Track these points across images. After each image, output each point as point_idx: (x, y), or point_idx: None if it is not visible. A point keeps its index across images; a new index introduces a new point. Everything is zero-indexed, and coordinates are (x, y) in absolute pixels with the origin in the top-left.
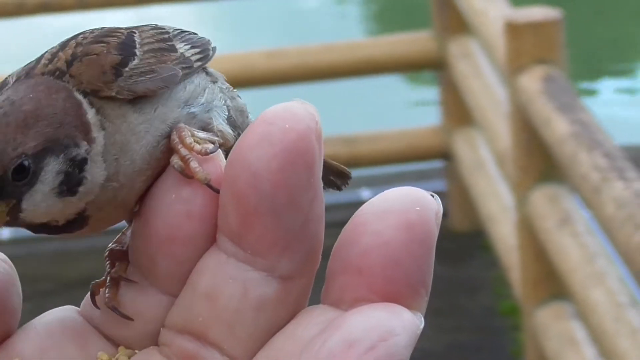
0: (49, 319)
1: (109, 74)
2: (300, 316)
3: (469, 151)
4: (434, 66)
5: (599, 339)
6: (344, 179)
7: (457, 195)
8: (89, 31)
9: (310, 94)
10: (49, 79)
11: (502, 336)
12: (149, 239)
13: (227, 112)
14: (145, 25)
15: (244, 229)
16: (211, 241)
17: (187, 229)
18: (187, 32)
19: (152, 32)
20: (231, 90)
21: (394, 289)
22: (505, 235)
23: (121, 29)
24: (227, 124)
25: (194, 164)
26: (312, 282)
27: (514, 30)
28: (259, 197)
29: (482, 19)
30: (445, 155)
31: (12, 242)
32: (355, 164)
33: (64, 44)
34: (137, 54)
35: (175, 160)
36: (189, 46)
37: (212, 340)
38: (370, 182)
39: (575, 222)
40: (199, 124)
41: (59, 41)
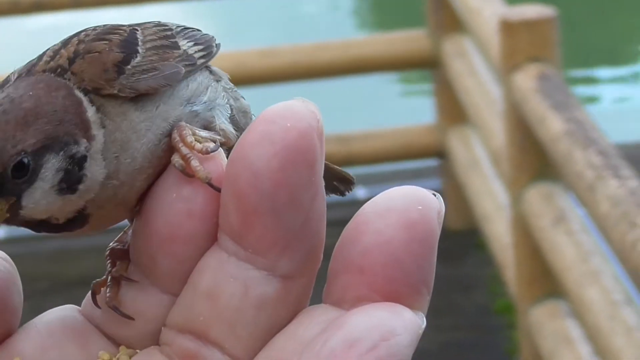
0: (50, 318)
1: (111, 72)
2: (301, 315)
3: (463, 149)
4: (428, 64)
5: (594, 337)
6: (348, 184)
7: (452, 193)
8: (92, 28)
9: (304, 92)
10: (50, 76)
11: (497, 334)
12: (150, 238)
13: (230, 111)
14: (148, 22)
15: (245, 228)
16: (212, 240)
17: (188, 228)
18: (191, 28)
19: (154, 29)
20: (235, 90)
21: (395, 288)
22: (500, 233)
23: (124, 26)
24: (230, 123)
25: (194, 163)
26: (313, 281)
27: (509, 28)
28: (260, 196)
29: (476, 17)
30: (440, 153)
31: (10, 241)
32: (350, 162)
33: (66, 41)
34: (140, 51)
35: (176, 159)
36: (192, 43)
37: (213, 339)
38: (365, 180)
39: (570, 220)
40: (201, 123)
41: (52, 40)
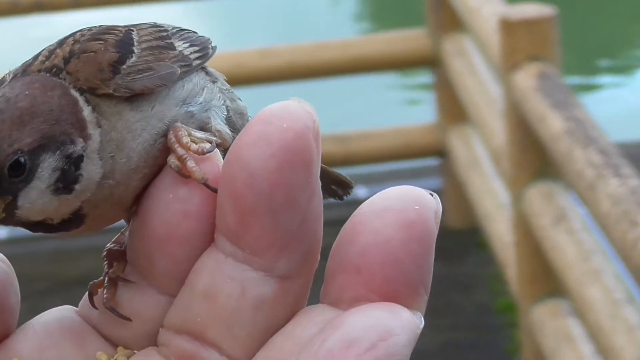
0: (47, 318)
1: (106, 72)
2: (299, 316)
3: (464, 149)
4: (428, 64)
5: (595, 336)
6: (346, 188)
7: (452, 192)
8: (87, 29)
9: (303, 92)
10: (45, 76)
11: (498, 334)
12: (147, 238)
13: (226, 112)
14: (143, 23)
15: (242, 229)
16: (209, 241)
17: (185, 229)
18: (187, 30)
19: (150, 30)
20: (231, 91)
21: (393, 288)
22: (500, 232)
23: (119, 26)
24: (226, 124)
25: (190, 164)
26: (310, 282)
27: (508, 27)
28: (257, 196)
29: (476, 17)
30: (440, 152)
31: (8, 242)
32: (349, 162)
33: (62, 41)
34: (135, 51)
35: (172, 159)
36: (188, 44)
37: (211, 340)
38: (365, 180)
39: (570, 219)
40: (197, 123)
41: (52, 40)
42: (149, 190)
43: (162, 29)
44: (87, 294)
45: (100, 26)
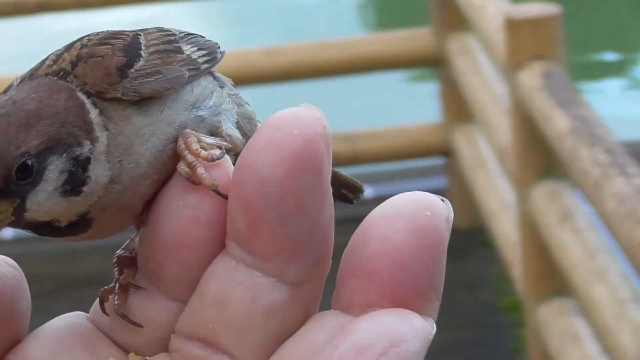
0: (59, 324)
1: (114, 76)
2: (310, 322)
3: (469, 148)
4: (433, 63)
5: (601, 335)
6: (356, 192)
7: (457, 192)
8: (94, 33)
9: (309, 91)
10: (52, 79)
11: (503, 333)
12: (157, 245)
13: (236, 117)
14: (151, 27)
15: (253, 235)
16: (220, 247)
17: (195, 235)
18: (194, 34)
19: (157, 34)
20: (239, 96)
21: (403, 294)
22: (506, 231)
23: (126, 31)
24: (236, 128)
25: (200, 170)
26: (322, 288)
27: (513, 26)
28: (267, 203)
29: (481, 16)
30: (445, 152)
31: (15, 242)
32: (355, 161)
33: (69, 45)
34: (143, 55)
35: (181, 166)
36: (196, 48)
37: (222, 346)
38: (370, 179)
39: (576, 218)
40: (208, 128)
41: (58, 40)
42: (159, 197)
43: (169, 33)
44: (97, 300)
45: (107, 31)
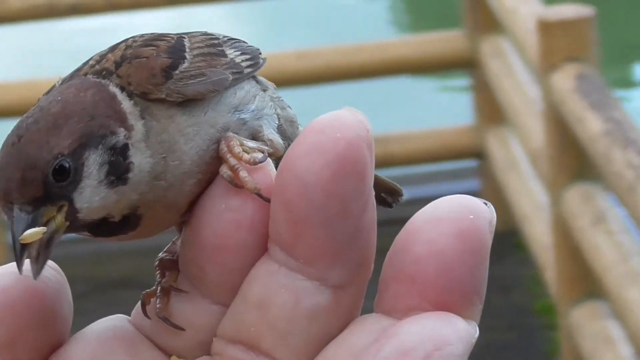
0: (101, 327)
1: (158, 77)
2: (353, 325)
3: (502, 150)
4: (465, 65)
5: (635, 337)
6: (395, 196)
7: (490, 194)
8: (139, 35)
9: (341, 94)
10: (83, 78)
11: (537, 335)
12: (199, 248)
13: (278, 121)
14: (194, 31)
15: (295, 239)
16: (262, 250)
17: (237, 239)
18: (237, 39)
19: (201, 38)
20: (281, 100)
21: (447, 298)
22: (539, 234)
23: (171, 34)
24: (277, 133)
25: (243, 174)
26: (364, 291)
27: (546, 28)
28: (310, 206)
29: (513, 17)
30: (478, 154)
31: None
32: (388, 163)
33: (113, 47)
34: (187, 57)
35: (224, 170)
36: (239, 52)
37: (265, 349)
38: (403, 181)
39: (609, 220)
40: (249, 131)
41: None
42: (201, 200)
43: (213, 37)
44: (139, 303)
45: (151, 33)
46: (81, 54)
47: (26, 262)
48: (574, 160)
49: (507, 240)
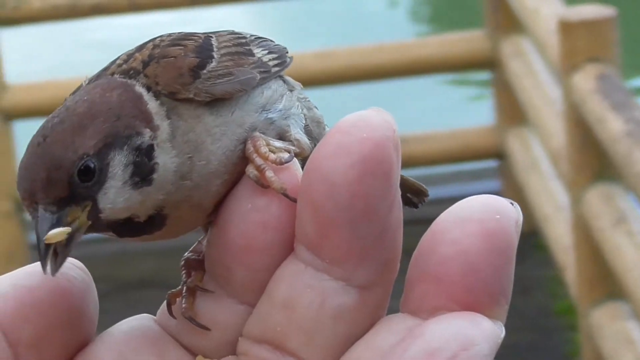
0: (127, 327)
1: (186, 76)
2: (379, 325)
3: (522, 150)
4: (486, 65)
5: None
6: (421, 196)
7: (511, 194)
8: (166, 35)
9: (362, 94)
10: (108, 78)
11: (557, 336)
12: (225, 248)
13: (304, 121)
14: (222, 30)
15: (322, 239)
16: (288, 250)
17: (263, 239)
18: (264, 38)
19: (229, 37)
20: (308, 100)
21: (473, 298)
22: (560, 234)
23: (198, 33)
24: (304, 133)
25: (269, 174)
26: (390, 291)
27: (567, 28)
28: (337, 207)
29: (535, 18)
30: (499, 154)
31: None
32: (409, 164)
33: (141, 46)
34: (215, 57)
35: (250, 169)
36: (267, 52)
37: (291, 349)
38: (424, 181)
39: (630, 221)
40: (276, 131)
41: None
42: (228, 200)
43: (240, 36)
44: (164, 303)
45: (179, 32)
46: (107, 53)
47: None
48: (594, 160)
49: (528, 240)
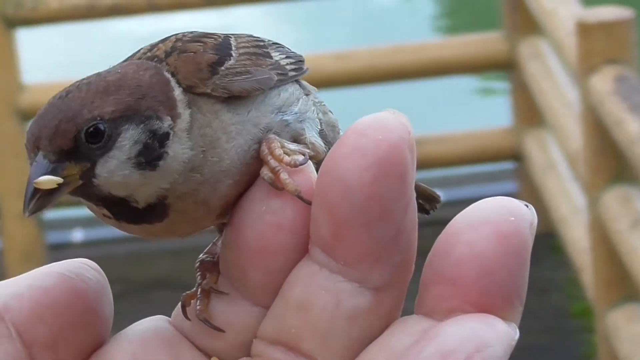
0: (142, 328)
1: (205, 71)
2: (393, 326)
3: (539, 152)
4: (504, 67)
5: None
6: (433, 203)
7: (528, 196)
8: (188, 31)
9: (380, 95)
10: (143, 60)
11: (573, 338)
12: (240, 250)
13: (319, 125)
14: (240, 33)
15: (336, 240)
16: (302, 252)
17: (278, 241)
18: (281, 45)
19: (247, 39)
20: (323, 104)
21: (488, 300)
22: (577, 236)
23: (218, 33)
24: (319, 137)
25: (283, 176)
26: (404, 292)
27: (585, 30)
28: (352, 208)
29: (552, 19)
30: (516, 156)
31: (85, 245)
32: (426, 165)
33: (164, 39)
34: (233, 55)
35: (265, 171)
36: (284, 56)
37: (305, 351)
38: (441, 183)
39: None
40: (291, 134)
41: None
42: (242, 202)
43: (258, 39)
44: (179, 304)
45: (199, 31)
46: (125, 56)
47: None
48: (612, 162)
49: (545, 242)
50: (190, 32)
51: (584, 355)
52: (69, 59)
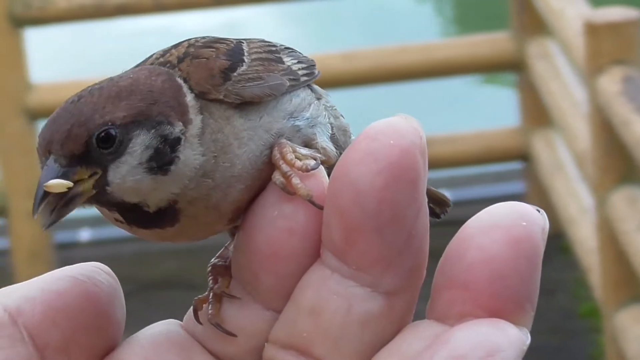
0: (153, 332)
1: (217, 78)
2: (405, 331)
3: (547, 152)
4: (512, 67)
5: None
6: (444, 207)
7: (535, 197)
8: (200, 37)
9: (387, 95)
10: (155, 65)
11: (581, 339)
12: (252, 254)
13: (331, 130)
14: (253, 38)
15: (348, 245)
16: (314, 257)
17: (290, 245)
18: (293, 49)
19: (260, 44)
20: (335, 109)
21: (499, 305)
22: (584, 237)
23: (230, 38)
24: (330, 142)
25: (295, 181)
26: (416, 297)
27: (593, 30)
28: (363, 213)
29: (560, 20)
30: (523, 156)
31: (91, 244)
32: (433, 165)
33: (177, 44)
34: (245, 61)
35: (277, 176)
36: (296, 61)
37: (317, 355)
38: (448, 183)
39: None
40: (303, 139)
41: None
42: (254, 206)
43: (271, 44)
44: (191, 308)
45: (212, 36)
46: (133, 55)
47: None
48: (619, 163)
49: (552, 243)
50: (202, 37)
51: (592, 356)
52: (77, 58)
